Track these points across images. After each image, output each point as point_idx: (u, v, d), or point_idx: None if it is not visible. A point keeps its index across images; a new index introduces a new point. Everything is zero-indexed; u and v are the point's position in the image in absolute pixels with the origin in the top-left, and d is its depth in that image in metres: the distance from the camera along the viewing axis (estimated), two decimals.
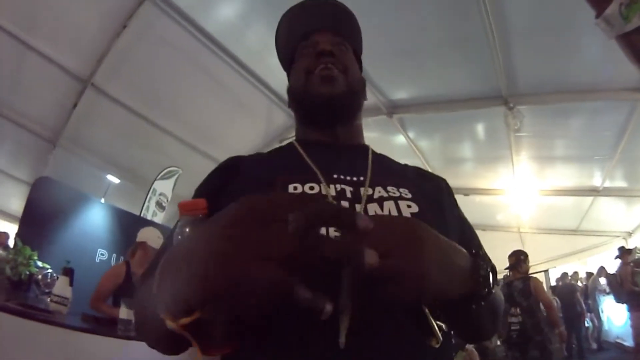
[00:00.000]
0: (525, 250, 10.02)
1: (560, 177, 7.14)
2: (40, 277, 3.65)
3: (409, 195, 0.83)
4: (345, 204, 0.77)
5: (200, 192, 0.90)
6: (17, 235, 4.63)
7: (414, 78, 5.53)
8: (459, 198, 1.03)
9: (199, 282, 0.44)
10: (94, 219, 5.70)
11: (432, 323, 0.61)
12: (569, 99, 5.12)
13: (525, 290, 5.03)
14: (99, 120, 6.47)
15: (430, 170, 5.21)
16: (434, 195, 0.92)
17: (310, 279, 0.44)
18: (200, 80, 5.92)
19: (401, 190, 0.85)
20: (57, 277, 3.35)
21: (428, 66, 5.24)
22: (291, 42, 1.08)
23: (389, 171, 0.96)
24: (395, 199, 0.81)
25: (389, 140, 6.65)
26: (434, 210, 0.81)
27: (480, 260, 0.65)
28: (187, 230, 0.67)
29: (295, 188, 0.80)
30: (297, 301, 0.42)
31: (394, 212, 0.77)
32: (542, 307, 4.99)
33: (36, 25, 5.13)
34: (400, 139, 6.57)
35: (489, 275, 0.64)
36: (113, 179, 7.13)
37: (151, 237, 3.94)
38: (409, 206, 0.80)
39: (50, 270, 3.78)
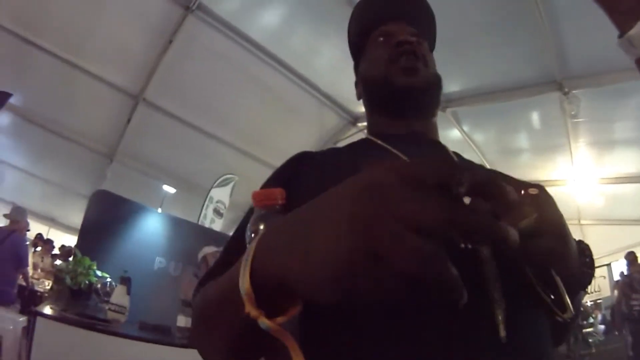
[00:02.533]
0: (587, 242, 9.66)
1: (622, 163, 6.80)
2: (99, 286, 3.77)
3: None
4: None
5: (271, 184, 0.83)
6: (76, 246, 4.80)
7: (464, 68, 5.40)
8: None
9: (333, 255, 0.36)
10: (151, 228, 5.84)
11: (564, 293, 0.59)
12: (626, 77, 4.81)
13: None
14: (153, 133, 6.69)
15: (487, 163, 5.05)
16: None
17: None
18: (249, 87, 5.99)
19: None
20: (116, 286, 3.45)
21: (476, 54, 5.12)
22: (364, 29, 1.02)
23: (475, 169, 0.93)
24: None
25: (444, 135, 6.32)
26: None
27: (583, 244, 0.69)
28: (262, 226, 0.59)
29: None
30: (445, 282, 0.34)
31: None
32: None
33: (85, 49, 5.40)
34: (455, 133, 6.44)
35: (593, 259, 0.67)
36: (169, 189, 7.31)
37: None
38: None
39: (109, 280, 3.91)
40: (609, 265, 9.59)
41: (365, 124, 0.96)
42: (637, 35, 0.60)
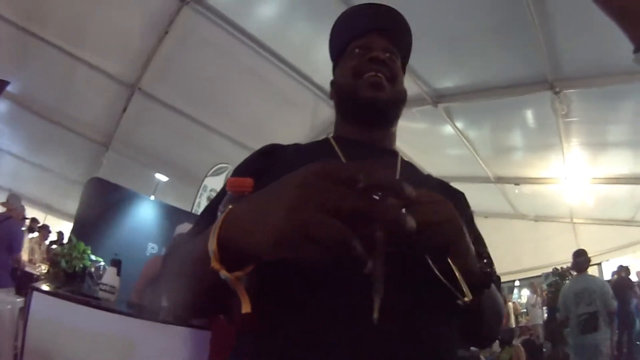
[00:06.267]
0: (578, 241, 9.67)
1: (614, 165, 6.79)
2: (93, 269, 3.84)
3: None
4: None
5: (240, 172, 0.95)
6: (72, 231, 4.90)
7: (458, 66, 5.43)
8: (510, 188, 1.03)
9: (274, 228, 0.50)
10: (144, 215, 5.92)
11: (460, 278, 0.66)
12: (619, 80, 4.83)
13: None
14: (148, 122, 6.75)
15: (480, 160, 5.11)
16: (454, 205, 0.96)
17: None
18: (244, 78, 6.04)
19: None
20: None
21: (471, 53, 5.11)
22: (346, 38, 1.10)
23: (416, 179, 1.01)
24: None
25: (437, 130, 6.58)
26: None
27: (482, 251, 0.78)
28: (231, 206, 0.67)
29: None
30: (351, 251, 0.46)
31: None
32: None
33: (83, 38, 5.48)
34: (448, 129, 6.44)
35: (491, 260, 0.77)
36: (161, 177, 7.43)
37: None
38: None
39: (102, 263, 3.98)
40: (599, 264, 9.52)
41: None
42: None
